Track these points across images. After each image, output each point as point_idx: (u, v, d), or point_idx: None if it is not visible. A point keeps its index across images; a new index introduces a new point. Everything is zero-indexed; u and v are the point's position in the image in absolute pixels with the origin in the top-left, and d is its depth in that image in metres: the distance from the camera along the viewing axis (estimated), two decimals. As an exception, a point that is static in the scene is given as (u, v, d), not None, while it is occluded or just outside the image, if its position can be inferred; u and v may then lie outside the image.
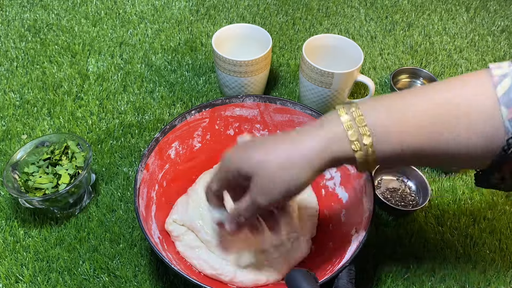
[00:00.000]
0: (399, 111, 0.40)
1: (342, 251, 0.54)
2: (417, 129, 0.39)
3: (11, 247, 0.62)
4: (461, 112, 0.39)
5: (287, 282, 0.46)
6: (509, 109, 0.38)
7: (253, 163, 0.42)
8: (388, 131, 0.40)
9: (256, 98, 0.66)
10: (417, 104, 0.40)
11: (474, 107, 0.38)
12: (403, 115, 0.40)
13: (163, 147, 0.62)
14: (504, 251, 0.64)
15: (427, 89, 0.41)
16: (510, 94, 0.38)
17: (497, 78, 0.38)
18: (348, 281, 0.48)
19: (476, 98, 0.39)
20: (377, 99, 0.42)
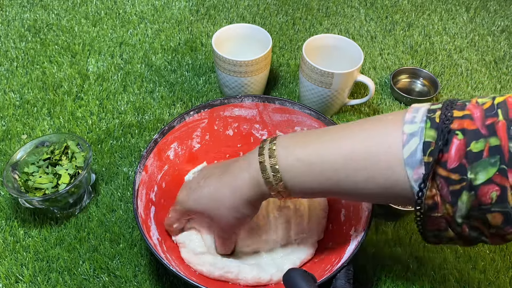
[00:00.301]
0: (310, 162, 0.44)
1: (341, 251, 0.54)
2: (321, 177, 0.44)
3: (11, 247, 0.62)
4: (362, 167, 0.42)
5: (285, 281, 0.45)
6: (414, 170, 0.39)
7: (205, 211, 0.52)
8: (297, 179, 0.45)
9: (255, 98, 0.65)
10: (324, 154, 0.44)
11: (376, 163, 0.41)
12: (310, 165, 0.44)
13: (162, 148, 0.62)
14: (504, 251, 0.64)
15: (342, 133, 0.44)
16: (416, 156, 0.39)
17: (406, 137, 0.40)
18: (346, 281, 0.48)
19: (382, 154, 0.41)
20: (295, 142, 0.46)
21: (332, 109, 0.79)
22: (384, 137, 0.41)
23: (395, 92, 0.85)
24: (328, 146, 0.44)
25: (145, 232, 0.52)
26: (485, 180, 0.36)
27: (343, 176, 0.43)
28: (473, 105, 0.39)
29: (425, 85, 0.89)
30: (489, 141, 0.36)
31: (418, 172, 0.39)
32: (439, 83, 0.87)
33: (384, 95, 0.87)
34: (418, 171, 0.39)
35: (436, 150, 0.38)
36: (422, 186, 0.39)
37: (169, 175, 0.63)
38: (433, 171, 0.38)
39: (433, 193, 0.39)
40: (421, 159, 0.39)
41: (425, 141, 0.38)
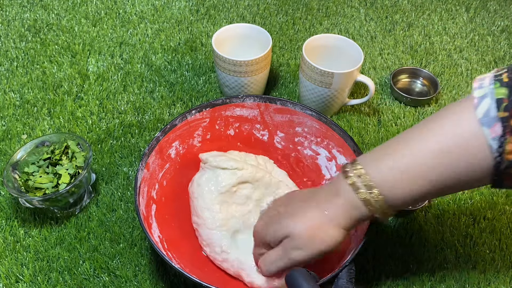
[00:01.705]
0: (400, 167, 0.43)
1: (342, 251, 0.54)
2: (420, 180, 0.43)
3: (11, 247, 0.62)
4: (456, 157, 0.41)
5: (287, 281, 0.46)
6: (490, 129, 0.39)
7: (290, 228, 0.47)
8: (394, 187, 0.44)
9: (256, 98, 0.66)
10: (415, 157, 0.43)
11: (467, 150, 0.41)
12: (405, 171, 0.43)
13: (164, 146, 0.62)
14: (504, 251, 0.64)
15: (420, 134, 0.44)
16: (490, 114, 0.39)
17: (477, 101, 0.40)
18: (348, 280, 0.48)
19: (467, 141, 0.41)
20: (377, 154, 0.46)
21: (332, 109, 0.79)
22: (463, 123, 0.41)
23: (395, 92, 0.85)
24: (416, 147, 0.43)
25: (147, 229, 0.52)
26: None
27: (441, 171, 0.42)
28: None
29: (425, 85, 0.89)
30: None
31: (495, 129, 0.39)
32: (439, 83, 0.87)
33: (384, 95, 0.87)
34: (494, 128, 0.39)
35: (510, 104, 0.38)
36: (502, 139, 0.39)
37: (170, 173, 0.63)
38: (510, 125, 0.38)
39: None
40: (495, 116, 0.39)
41: (497, 98, 0.39)
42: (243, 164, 0.61)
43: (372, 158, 0.46)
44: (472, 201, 0.69)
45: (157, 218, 0.58)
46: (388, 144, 0.46)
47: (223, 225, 0.58)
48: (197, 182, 0.61)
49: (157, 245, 0.51)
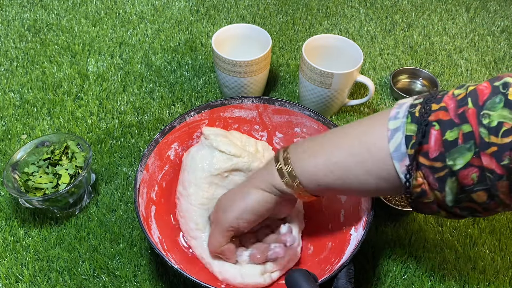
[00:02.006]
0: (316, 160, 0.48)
1: (341, 251, 0.54)
2: (328, 173, 0.47)
3: (11, 247, 0.62)
4: (359, 161, 0.45)
5: (287, 282, 0.46)
6: (400, 163, 0.42)
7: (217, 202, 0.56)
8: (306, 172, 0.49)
9: (254, 99, 0.66)
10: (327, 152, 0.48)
11: (370, 157, 0.44)
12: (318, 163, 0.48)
13: (163, 148, 0.62)
14: (504, 251, 0.64)
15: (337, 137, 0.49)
16: (400, 149, 0.42)
17: (390, 133, 0.43)
18: (347, 280, 0.48)
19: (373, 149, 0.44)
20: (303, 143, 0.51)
21: (332, 109, 0.79)
22: (374, 134, 0.44)
23: (394, 92, 0.85)
24: (331, 144, 0.48)
25: (146, 230, 0.52)
26: (463, 164, 0.39)
27: (345, 170, 0.46)
28: (448, 97, 0.42)
29: (425, 85, 0.89)
30: (462, 129, 0.39)
31: (403, 164, 0.42)
32: (439, 83, 0.87)
33: (384, 95, 0.87)
34: (403, 163, 0.42)
35: (417, 142, 0.41)
36: (408, 176, 0.42)
37: (170, 175, 0.63)
38: (417, 161, 0.41)
39: (420, 182, 0.42)
40: (405, 152, 0.42)
41: (406, 135, 0.42)
42: (241, 151, 0.60)
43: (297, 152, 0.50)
44: (472, 202, 0.69)
45: (157, 219, 0.58)
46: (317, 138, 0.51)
47: (204, 204, 0.59)
48: (192, 155, 0.62)
49: (157, 246, 0.51)
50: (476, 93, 0.40)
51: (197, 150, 0.62)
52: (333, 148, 0.48)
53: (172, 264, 0.49)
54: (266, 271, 0.56)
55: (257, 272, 0.55)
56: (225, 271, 0.56)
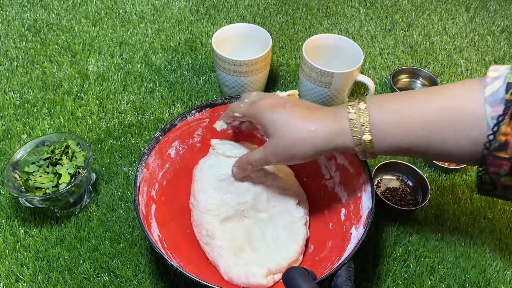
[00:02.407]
0: (398, 115, 0.45)
1: (341, 249, 0.54)
2: (411, 132, 0.45)
3: (12, 247, 0.62)
4: (450, 120, 0.43)
5: (284, 280, 0.46)
6: (493, 107, 0.41)
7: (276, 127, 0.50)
8: (387, 131, 0.46)
9: (256, 97, 0.66)
10: (413, 110, 0.45)
11: (463, 115, 0.42)
12: (401, 120, 0.45)
13: (164, 146, 0.62)
14: (504, 251, 0.64)
15: (426, 94, 0.45)
16: (497, 95, 0.41)
17: (489, 80, 0.42)
18: (347, 278, 0.48)
19: (466, 107, 0.42)
20: (384, 97, 0.48)
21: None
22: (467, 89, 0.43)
23: (394, 92, 0.85)
24: (420, 100, 0.45)
25: (146, 229, 0.52)
26: None
27: (434, 129, 0.44)
28: None
29: (425, 85, 0.89)
30: None
31: (497, 109, 0.40)
32: (439, 83, 0.87)
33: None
34: (497, 108, 0.40)
35: None
36: (501, 119, 0.40)
37: (170, 173, 0.63)
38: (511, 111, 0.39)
39: (508, 132, 0.40)
40: (502, 97, 0.40)
41: (509, 82, 0.40)
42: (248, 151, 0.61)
43: (379, 99, 0.47)
44: (472, 201, 0.69)
45: (157, 217, 0.58)
46: (397, 94, 0.48)
47: (213, 210, 0.59)
48: (201, 166, 0.63)
49: (156, 245, 0.51)
50: None
51: (205, 160, 0.63)
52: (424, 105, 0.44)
53: (172, 262, 0.49)
54: (270, 272, 0.56)
55: (262, 274, 0.55)
56: (230, 272, 0.56)
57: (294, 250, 0.58)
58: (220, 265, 0.57)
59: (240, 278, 0.55)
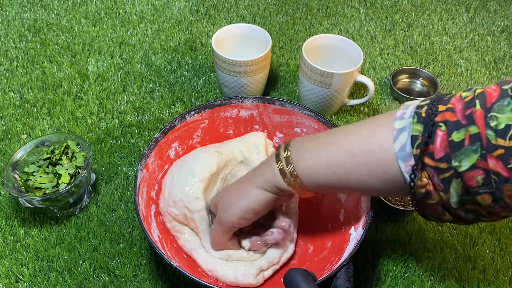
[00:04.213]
0: (318, 160, 0.48)
1: (340, 250, 0.54)
2: (328, 172, 0.47)
3: (11, 247, 0.62)
4: (361, 162, 0.45)
5: (285, 281, 0.46)
6: (404, 162, 0.42)
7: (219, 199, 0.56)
8: (307, 171, 0.49)
9: (255, 99, 0.66)
10: (330, 150, 0.47)
11: (372, 159, 0.44)
12: (320, 164, 0.48)
13: (163, 147, 0.62)
14: (504, 251, 0.64)
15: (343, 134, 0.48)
16: (405, 149, 0.42)
17: (396, 133, 0.43)
18: (347, 279, 0.48)
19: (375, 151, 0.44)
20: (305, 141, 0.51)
21: (331, 109, 0.79)
22: (378, 135, 0.44)
23: (394, 92, 0.85)
24: (333, 145, 0.48)
25: (146, 229, 0.52)
26: (469, 166, 0.39)
27: (347, 171, 0.46)
28: (456, 98, 0.42)
29: (425, 85, 0.89)
30: (469, 130, 0.39)
31: (408, 164, 0.42)
32: (439, 83, 0.87)
33: (384, 95, 0.87)
34: (408, 163, 0.42)
35: (422, 142, 0.40)
36: (413, 176, 0.42)
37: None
38: (422, 162, 0.41)
39: (425, 183, 0.42)
40: (410, 152, 0.41)
41: (412, 135, 0.41)
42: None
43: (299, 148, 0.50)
44: (472, 201, 0.69)
45: (157, 218, 0.58)
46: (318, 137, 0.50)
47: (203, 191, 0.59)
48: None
49: (156, 245, 0.51)
50: (484, 96, 0.39)
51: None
52: (335, 149, 0.47)
53: (172, 262, 0.49)
54: (262, 270, 0.56)
55: (252, 273, 0.55)
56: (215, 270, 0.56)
57: None
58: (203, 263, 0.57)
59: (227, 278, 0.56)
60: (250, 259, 0.57)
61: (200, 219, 0.57)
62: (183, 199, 0.57)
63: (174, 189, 0.58)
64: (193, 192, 0.57)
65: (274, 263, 0.57)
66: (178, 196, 0.57)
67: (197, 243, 0.58)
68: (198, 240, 0.58)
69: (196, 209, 0.57)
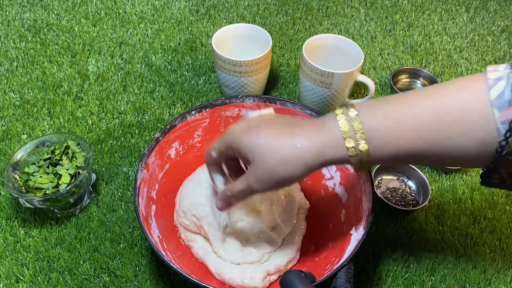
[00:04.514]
0: (395, 117, 0.41)
1: (341, 251, 0.54)
2: (412, 136, 0.41)
3: (12, 247, 0.62)
4: (455, 119, 0.39)
5: (282, 284, 0.46)
6: (501, 111, 0.38)
7: (254, 151, 0.44)
8: (384, 137, 0.41)
9: (256, 98, 0.66)
10: (413, 110, 0.41)
11: (468, 113, 0.39)
12: (399, 122, 0.41)
13: (164, 147, 0.62)
14: (505, 251, 0.64)
15: (425, 93, 0.42)
16: (503, 97, 0.38)
17: (492, 81, 0.39)
18: (346, 280, 0.48)
19: (470, 104, 0.39)
20: (375, 102, 0.43)
21: (332, 109, 0.79)
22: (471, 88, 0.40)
23: (395, 92, 0.85)
24: (417, 102, 0.41)
25: (146, 230, 0.52)
26: None
27: (437, 133, 0.40)
28: None
29: (425, 85, 0.89)
30: None
31: (506, 113, 0.38)
32: (439, 83, 0.87)
33: (384, 95, 0.87)
34: (506, 112, 0.38)
35: None
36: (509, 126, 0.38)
37: (171, 174, 0.63)
38: None
39: None
40: (510, 99, 0.38)
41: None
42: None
43: (369, 104, 0.43)
44: (473, 201, 0.69)
45: (157, 218, 0.58)
46: (389, 97, 0.43)
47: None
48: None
49: (156, 246, 0.51)
50: None
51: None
52: (420, 108, 0.40)
53: (171, 264, 0.49)
54: (269, 274, 0.56)
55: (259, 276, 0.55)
56: (223, 274, 0.56)
57: (293, 248, 0.59)
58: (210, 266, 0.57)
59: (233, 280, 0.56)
60: (260, 261, 0.57)
61: (208, 225, 0.58)
62: (190, 208, 0.58)
63: (182, 200, 0.60)
64: (198, 199, 0.58)
65: (281, 269, 0.57)
66: (186, 205, 0.59)
67: (209, 249, 0.59)
68: (210, 246, 0.59)
69: (202, 216, 0.57)
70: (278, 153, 0.43)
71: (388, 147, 0.41)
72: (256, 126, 0.45)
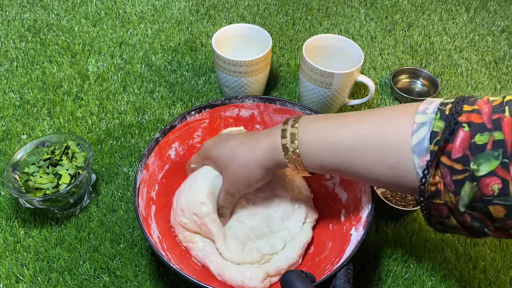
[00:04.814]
0: (323, 133, 0.47)
1: (341, 251, 0.54)
2: (333, 154, 0.47)
3: (12, 247, 0.62)
4: (372, 145, 0.44)
5: (282, 283, 0.46)
6: (420, 157, 0.41)
7: (223, 159, 0.55)
8: (311, 149, 0.48)
9: (255, 98, 0.66)
10: (339, 130, 0.47)
11: (387, 142, 0.43)
12: (325, 138, 0.47)
13: (163, 147, 0.62)
14: (505, 251, 0.64)
15: (360, 117, 0.47)
16: (423, 144, 0.41)
17: (416, 126, 0.42)
18: (346, 280, 0.48)
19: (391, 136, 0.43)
20: (315, 117, 0.50)
21: (332, 109, 0.79)
22: (396, 123, 0.43)
23: (395, 92, 0.85)
24: (343, 125, 0.47)
25: (145, 230, 0.52)
26: (487, 172, 0.38)
27: (353, 154, 0.45)
28: (483, 101, 0.41)
29: (425, 85, 0.89)
30: (493, 135, 0.38)
31: (423, 159, 0.41)
32: (439, 83, 0.87)
33: (384, 95, 0.87)
34: (423, 158, 0.41)
35: (442, 139, 0.40)
36: (426, 172, 0.41)
37: (170, 174, 0.63)
38: (438, 159, 0.40)
39: (437, 181, 0.41)
40: (427, 147, 0.41)
41: (433, 130, 0.40)
42: None
43: (311, 119, 0.50)
44: (472, 201, 0.69)
45: (157, 218, 0.58)
46: (333, 115, 0.50)
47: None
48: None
49: (156, 246, 0.51)
50: None
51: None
52: (346, 131, 0.46)
53: (171, 264, 0.49)
54: (269, 275, 0.56)
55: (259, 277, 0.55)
56: (224, 274, 0.56)
57: (295, 253, 0.58)
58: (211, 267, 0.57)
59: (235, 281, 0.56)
60: (260, 262, 0.57)
61: (211, 222, 0.57)
62: (189, 206, 0.57)
63: (180, 199, 0.59)
64: (197, 197, 0.57)
65: (282, 272, 0.57)
66: (184, 204, 0.58)
67: (210, 250, 0.58)
68: (211, 247, 0.58)
69: (204, 214, 0.57)
70: (240, 158, 0.53)
71: (314, 157, 0.48)
72: (224, 139, 0.56)
